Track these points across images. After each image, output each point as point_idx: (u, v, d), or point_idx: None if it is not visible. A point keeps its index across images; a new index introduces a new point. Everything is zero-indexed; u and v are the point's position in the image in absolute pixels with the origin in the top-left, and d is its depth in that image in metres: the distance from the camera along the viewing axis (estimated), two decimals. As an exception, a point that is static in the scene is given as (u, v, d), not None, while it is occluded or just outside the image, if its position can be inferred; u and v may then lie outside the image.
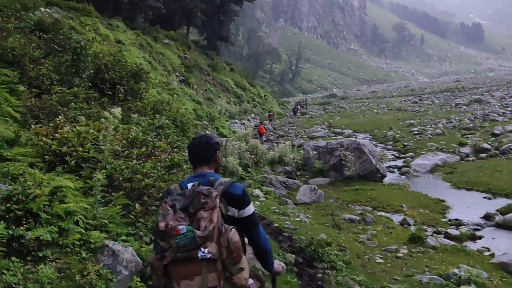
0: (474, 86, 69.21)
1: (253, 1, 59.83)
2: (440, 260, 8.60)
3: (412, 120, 33.83)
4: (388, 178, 17.79)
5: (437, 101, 50.83)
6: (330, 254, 7.44)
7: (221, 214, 2.31)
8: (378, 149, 22.63)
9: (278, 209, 11.60)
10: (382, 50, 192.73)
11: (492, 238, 10.70)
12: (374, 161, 17.24)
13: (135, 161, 5.68)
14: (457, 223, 11.80)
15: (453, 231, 10.86)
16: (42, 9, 16.10)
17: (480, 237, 10.73)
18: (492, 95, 46.83)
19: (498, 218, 11.90)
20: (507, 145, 20.93)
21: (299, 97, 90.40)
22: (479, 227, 11.51)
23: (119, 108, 8.46)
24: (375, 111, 47.82)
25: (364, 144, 18.06)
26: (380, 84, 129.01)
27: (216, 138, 2.76)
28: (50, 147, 5.23)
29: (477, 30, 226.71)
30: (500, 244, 10.16)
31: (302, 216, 11.03)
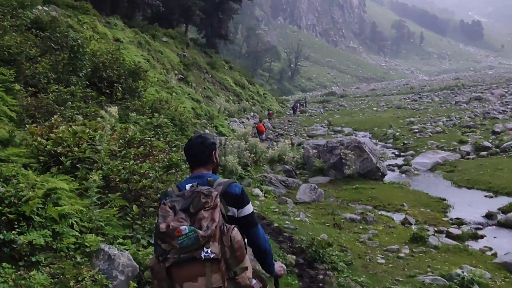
0: (474, 84, 69.11)
1: (252, -1, 59.66)
2: (442, 260, 8.50)
3: (412, 118, 33.73)
4: (389, 177, 17.70)
5: (436, 99, 50.72)
6: (331, 255, 7.34)
7: (221, 214, 2.28)
8: (378, 147, 22.52)
9: (278, 208, 11.50)
10: (381, 48, 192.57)
11: (494, 237, 10.62)
12: (374, 159, 17.14)
13: (133, 161, 5.55)
14: (458, 222, 11.71)
15: (454, 230, 10.77)
16: (40, 7, 15.92)
17: (482, 236, 10.65)
18: (492, 93, 46.72)
19: (500, 217, 11.82)
20: (507, 143, 20.83)
21: (298, 95, 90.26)
22: (480, 226, 11.43)
23: (116, 107, 8.34)
24: (375, 109, 47.69)
25: (365, 142, 17.95)
26: (379, 82, 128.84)
27: (212, 138, 2.69)
28: (45, 147, 5.09)
29: (476, 27, 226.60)
30: (502, 243, 10.07)
31: (302, 216, 10.93)
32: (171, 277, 2.16)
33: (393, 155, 23.13)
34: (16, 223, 3.60)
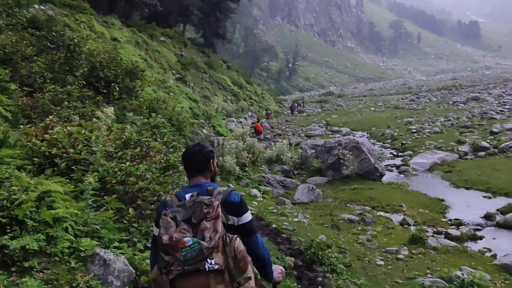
0: (471, 84, 69.24)
1: (250, -2, 59.53)
2: (441, 261, 8.44)
3: (410, 118, 33.71)
4: (387, 177, 17.65)
5: (434, 99, 50.76)
6: (330, 256, 7.26)
7: (223, 224, 2.27)
8: (376, 147, 22.46)
9: (276, 209, 11.42)
10: (379, 48, 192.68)
11: (493, 238, 10.59)
12: (372, 160, 17.09)
13: (129, 162, 5.46)
14: (457, 223, 11.68)
15: (453, 232, 10.73)
16: (36, 6, 15.80)
17: (481, 237, 10.61)
18: (490, 93, 46.78)
19: (499, 217, 11.79)
20: (505, 143, 20.83)
21: (296, 95, 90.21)
22: (479, 227, 11.39)
23: (112, 108, 8.24)
24: (373, 109, 47.68)
25: (363, 142, 17.90)
26: (377, 82, 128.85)
27: (210, 146, 2.66)
28: (40, 148, 4.99)
29: (474, 28, 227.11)
30: (501, 244, 10.03)
31: (300, 217, 10.85)
32: None
33: (391, 155, 23.10)
34: (8, 227, 3.50)
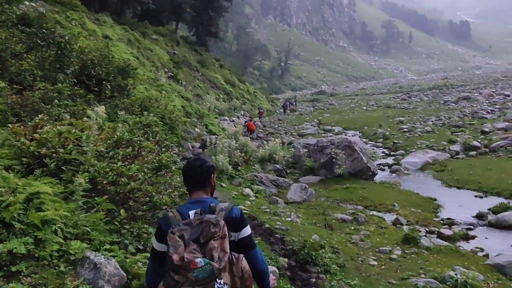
0: (462, 83, 69.70)
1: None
2: (434, 261, 8.44)
3: (402, 117, 33.82)
4: (379, 176, 17.67)
5: (425, 98, 51.02)
6: (323, 257, 7.22)
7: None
8: (368, 146, 22.50)
9: (269, 208, 11.36)
10: (371, 47, 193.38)
11: (486, 238, 10.60)
12: (365, 159, 17.09)
13: (120, 162, 5.36)
14: (449, 223, 11.69)
15: (446, 231, 10.74)
16: (27, 2, 15.59)
17: (473, 237, 10.63)
18: (480, 93, 47.12)
19: (490, 217, 11.83)
20: (496, 143, 20.95)
21: (288, 93, 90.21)
22: (471, 227, 11.41)
23: (103, 106, 8.12)
24: (364, 108, 47.79)
25: (355, 142, 17.89)
26: (369, 81, 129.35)
27: (210, 161, 2.66)
28: (29, 148, 4.88)
29: (464, 28, 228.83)
30: (493, 244, 10.06)
31: (293, 216, 10.81)
32: None
33: (383, 154, 23.15)
34: (-5, 230, 3.40)
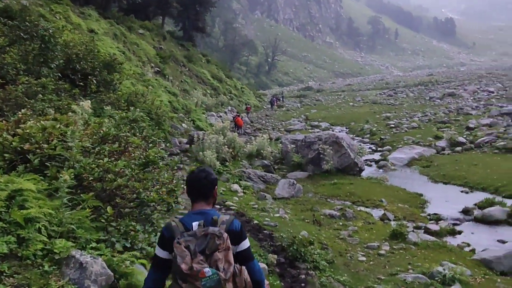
0: (447, 80, 70.42)
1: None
2: (422, 256, 8.48)
3: (388, 113, 34.03)
4: (366, 172, 17.74)
5: (411, 94, 51.44)
6: (312, 253, 7.20)
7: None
8: (355, 142, 22.58)
9: (257, 204, 11.32)
10: (357, 43, 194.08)
11: (472, 233, 10.72)
12: (352, 154, 17.13)
13: (107, 158, 5.23)
14: (436, 218, 11.79)
15: (433, 226, 10.82)
16: (9, -5, 15.21)
17: (460, 232, 10.74)
18: (465, 89, 47.67)
19: (476, 212, 11.95)
20: (481, 138, 21.21)
21: (276, 89, 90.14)
22: (458, 222, 11.53)
23: (89, 101, 7.95)
24: (351, 104, 47.99)
25: (343, 137, 17.93)
26: (355, 77, 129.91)
27: (214, 173, 2.76)
28: (11, 143, 4.73)
29: (449, 25, 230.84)
30: (480, 239, 10.17)
31: (281, 212, 10.78)
32: None
33: (370, 150, 23.27)
34: (-24, 229, 3.27)
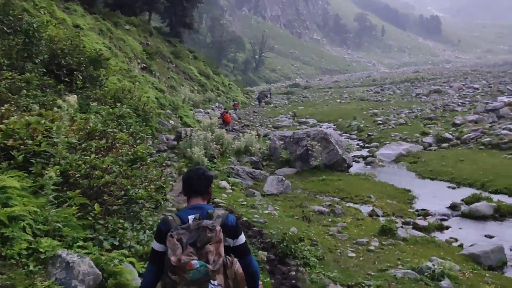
0: (433, 77, 71.12)
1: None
2: (411, 252, 8.51)
3: (375, 110, 34.19)
4: (354, 168, 17.80)
5: (398, 91, 51.80)
6: (302, 250, 7.17)
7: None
8: (343, 138, 22.64)
9: (245, 201, 11.25)
10: (344, 40, 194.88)
11: (459, 228, 10.81)
12: (340, 151, 17.17)
13: (94, 155, 5.12)
14: (424, 214, 11.87)
15: (421, 222, 10.89)
16: (-9, -12, 14.88)
17: (448, 227, 10.83)
18: (451, 86, 48.18)
19: (464, 208, 12.05)
20: (467, 135, 21.43)
21: (263, 86, 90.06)
22: (446, 217, 11.62)
23: (75, 96, 7.80)
24: (338, 100, 48.14)
25: (331, 134, 17.96)
26: (342, 74, 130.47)
27: (210, 172, 2.85)
28: (-6, 140, 4.60)
29: (435, 22, 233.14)
30: (467, 234, 10.26)
31: (270, 209, 10.73)
32: None
33: (358, 146, 23.36)
34: (-43, 228, 3.15)
